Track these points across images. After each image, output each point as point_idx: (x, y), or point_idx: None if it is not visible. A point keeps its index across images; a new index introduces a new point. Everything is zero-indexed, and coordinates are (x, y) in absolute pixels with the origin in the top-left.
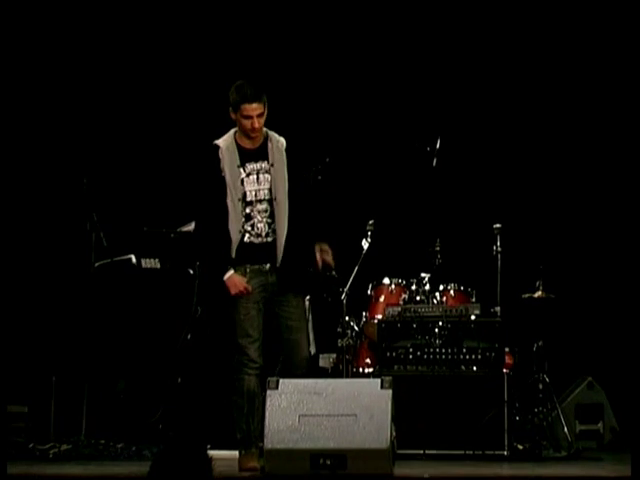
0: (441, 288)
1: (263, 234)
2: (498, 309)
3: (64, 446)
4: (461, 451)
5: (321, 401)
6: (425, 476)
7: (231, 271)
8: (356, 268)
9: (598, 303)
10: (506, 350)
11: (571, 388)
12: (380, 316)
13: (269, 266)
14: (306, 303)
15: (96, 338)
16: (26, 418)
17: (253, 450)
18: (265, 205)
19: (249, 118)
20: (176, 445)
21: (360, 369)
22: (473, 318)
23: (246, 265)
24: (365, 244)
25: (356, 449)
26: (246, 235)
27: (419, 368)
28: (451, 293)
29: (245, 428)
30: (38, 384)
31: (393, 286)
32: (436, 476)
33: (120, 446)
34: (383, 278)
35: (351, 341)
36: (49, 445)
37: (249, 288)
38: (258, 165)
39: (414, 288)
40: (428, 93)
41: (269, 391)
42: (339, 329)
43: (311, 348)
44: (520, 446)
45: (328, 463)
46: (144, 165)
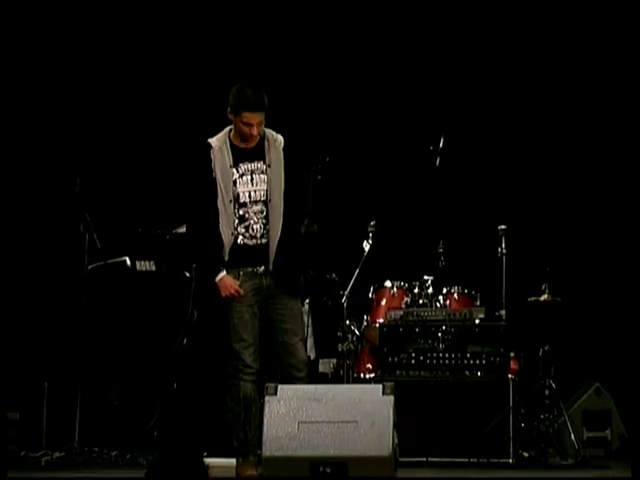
0: (444, 291)
1: (258, 235)
2: (503, 313)
3: (57, 454)
4: (465, 459)
5: (321, 407)
6: None
7: (223, 272)
8: (357, 270)
9: (606, 306)
10: (511, 355)
11: (578, 394)
12: (382, 320)
13: (263, 268)
14: (305, 307)
15: (89, 343)
16: (17, 425)
17: (251, 458)
18: (260, 206)
19: (249, 125)
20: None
21: (361, 375)
22: (477, 322)
23: (239, 268)
24: (366, 246)
25: (357, 457)
26: (240, 237)
27: (422, 373)
28: (455, 296)
29: (242, 435)
30: (30, 390)
31: (395, 289)
32: None
33: (114, 454)
34: (385, 281)
35: (352, 346)
36: (41, 453)
37: (240, 291)
38: (253, 165)
39: (417, 291)
40: (431, 90)
41: (267, 397)
42: (339, 333)
43: (311, 353)
44: (526, 454)
45: (328, 471)
46: (139, 164)
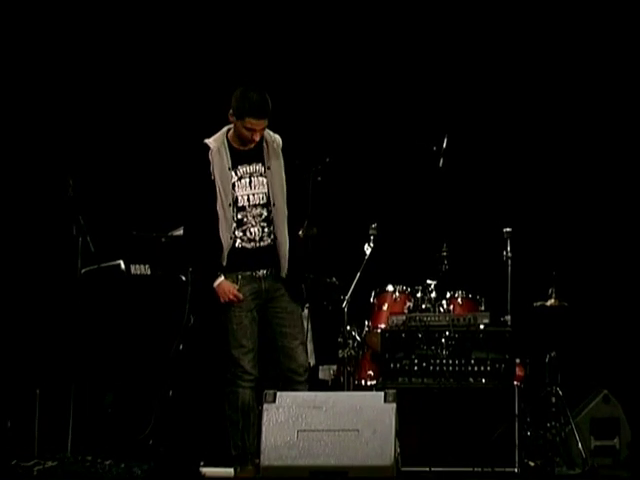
0: (448, 296)
1: (257, 238)
2: (508, 318)
3: (49, 463)
4: (469, 468)
5: (321, 415)
6: None
7: (221, 277)
8: (358, 274)
9: (614, 312)
10: (517, 361)
11: (585, 402)
12: (383, 325)
13: (263, 272)
14: (305, 312)
15: (83, 349)
16: (8, 433)
17: (249, 467)
18: (260, 210)
19: (252, 131)
20: (167, 462)
21: (362, 381)
22: (482, 327)
23: (238, 272)
24: (367, 249)
25: (358, 466)
26: (237, 241)
27: (424, 380)
28: (458, 301)
29: (240, 444)
30: (21, 397)
31: (397, 294)
32: None
33: (108, 463)
34: (386, 285)
35: (353, 352)
36: (33, 462)
37: (240, 296)
38: (252, 168)
39: (419, 296)
40: (434, 88)
41: (266, 405)
42: (340, 339)
43: (310, 359)
44: (532, 463)
45: None
46: (133, 165)
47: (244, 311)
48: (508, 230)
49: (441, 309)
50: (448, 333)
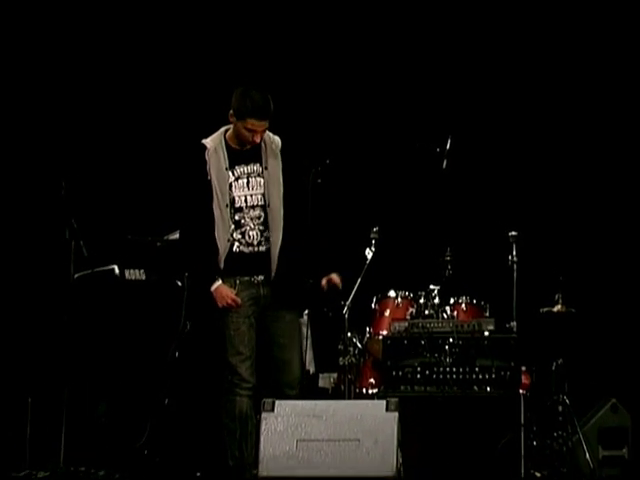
0: (452, 301)
1: (255, 243)
2: (514, 324)
3: (41, 473)
4: (474, 479)
5: (321, 424)
6: None
7: (219, 282)
8: (359, 280)
9: (622, 318)
10: (522, 369)
11: (593, 410)
12: (385, 332)
13: (261, 278)
14: (304, 318)
15: (76, 356)
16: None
17: (247, 478)
18: (258, 212)
19: (252, 132)
20: (163, 473)
21: (363, 390)
22: (487, 334)
23: (236, 277)
24: (369, 253)
25: (359, 477)
26: (235, 244)
27: (428, 389)
28: (463, 307)
29: (238, 454)
30: (12, 406)
31: (399, 299)
32: None
33: (102, 474)
34: (388, 291)
35: (354, 359)
36: (25, 472)
37: (238, 301)
38: (249, 168)
39: (422, 301)
40: (437, 88)
41: (264, 413)
42: (340, 346)
43: (310, 367)
44: (538, 474)
45: None
46: (128, 167)
47: (242, 317)
48: (514, 234)
49: (444, 315)
50: (452, 340)
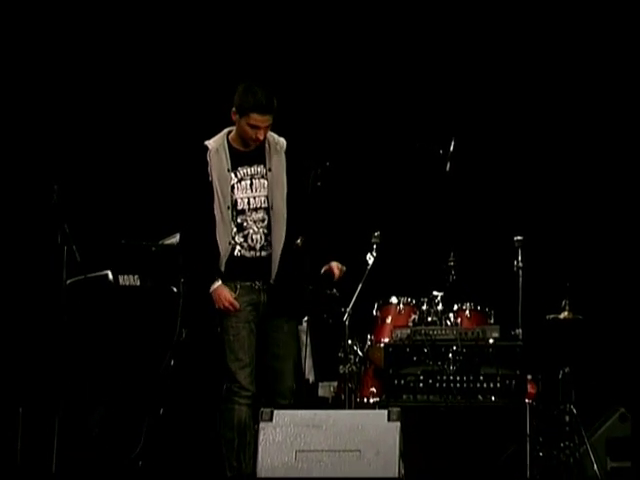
0: (455, 308)
1: (257, 247)
2: (519, 332)
3: None
4: None
5: (321, 435)
6: None
7: (218, 282)
8: (360, 285)
9: (631, 325)
10: (528, 378)
11: (601, 420)
12: (387, 339)
13: (262, 283)
14: (304, 325)
15: (68, 364)
16: None
17: None
18: (261, 214)
19: (256, 128)
20: None
21: (364, 399)
22: (491, 342)
23: (237, 281)
24: (370, 258)
25: None
26: (237, 247)
27: (431, 398)
28: (467, 314)
29: (236, 464)
30: (3, 416)
31: (401, 306)
32: None
33: None
34: (390, 297)
35: (354, 367)
36: None
37: (236, 305)
38: (252, 169)
39: (425, 308)
40: (440, 88)
41: (262, 423)
42: (341, 354)
43: (310, 376)
44: None
45: None
46: (121, 169)
47: (242, 322)
48: (519, 238)
49: (448, 322)
50: (455, 348)
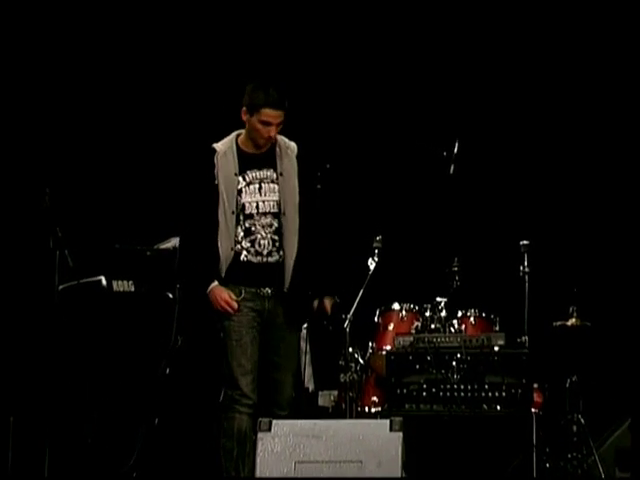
0: (459, 315)
1: (264, 252)
2: (525, 339)
3: None
4: None
5: (321, 445)
6: None
7: (215, 283)
8: (361, 291)
9: None
10: (535, 386)
11: (610, 430)
12: (389, 347)
13: (269, 290)
14: (303, 332)
15: (60, 373)
16: None
17: None
18: (270, 219)
19: (268, 125)
20: None
21: (366, 408)
22: (497, 349)
23: (241, 287)
24: (372, 263)
25: None
26: (243, 252)
27: (434, 407)
28: (471, 320)
29: (235, 474)
30: None
31: (404, 312)
32: None
33: None
34: (392, 303)
35: (355, 376)
36: None
37: (234, 305)
38: (262, 173)
39: (428, 314)
40: (444, 89)
41: (260, 434)
42: (341, 362)
43: (309, 384)
44: None
45: None
46: (116, 171)
47: (245, 327)
48: (525, 243)
49: (452, 329)
50: (460, 355)
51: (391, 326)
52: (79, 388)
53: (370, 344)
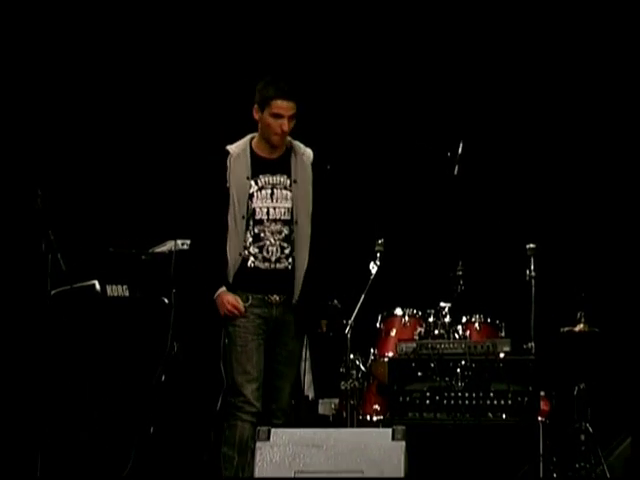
0: (464, 320)
1: (273, 259)
2: (532, 345)
3: None
4: None
5: (321, 455)
6: None
7: (223, 288)
8: (363, 296)
9: None
10: (541, 394)
11: (619, 440)
12: (391, 353)
13: (277, 298)
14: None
15: (53, 380)
16: None
17: None
18: (280, 226)
19: (279, 117)
20: None
21: (367, 417)
22: (502, 356)
23: (248, 293)
24: (373, 268)
25: None
26: (251, 258)
27: (438, 415)
28: (476, 326)
29: None
30: None
31: (407, 318)
32: None
33: None
34: (395, 308)
35: (357, 383)
36: None
37: (241, 308)
38: (275, 179)
39: (432, 320)
40: (448, 88)
41: (259, 443)
42: (342, 369)
43: (309, 392)
44: None
45: None
46: (110, 172)
47: (251, 334)
48: (532, 246)
49: (456, 335)
50: (464, 362)
51: (393, 332)
52: (72, 396)
53: (372, 350)
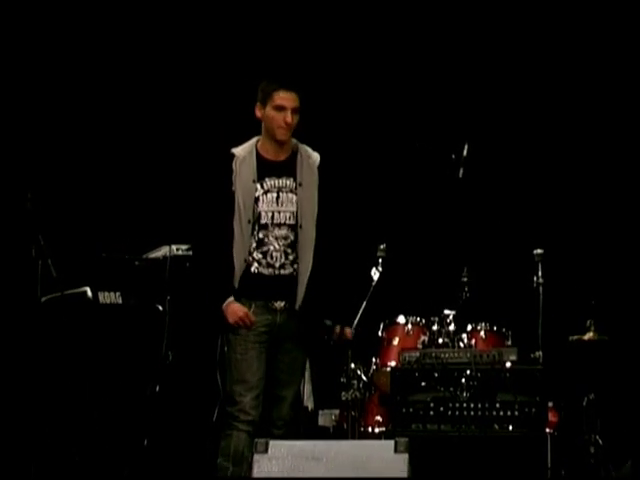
0: (469, 328)
1: (276, 265)
2: (539, 354)
3: None
4: None
5: (321, 468)
6: None
7: (231, 298)
8: (364, 304)
9: None
10: (549, 405)
11: (630, 453)
12: (394, 363)
13: (281, 304)
14: None
15: (44, 389)
16: None
17: None
18: (285, 231)
19: (282, 110)
20: None
21: (369, 428)
22: (509, 365)
23: (251, 300)
24: (375, 274)
25: None
26: (254, 264)
27: (442, 427)
28: (481, 335)
29: None
30: None
31: (410, 326)
32: None
33: None
34: (397, 316)
35: (358, 394)
36: None
37: (252, 318)
38: (281, 182)
39: (436, 328)
40: (453, 89)
41: (257, 455)
42: (343, 379)
43: (309, 403)
44: None
45: None
46: (102, 174)
47: (251, 342)
48: (539, 252)
49: (461, 344)
50: (469, 372)
51: (396, 341)
52: (63, 408)
53: (374, 360)
